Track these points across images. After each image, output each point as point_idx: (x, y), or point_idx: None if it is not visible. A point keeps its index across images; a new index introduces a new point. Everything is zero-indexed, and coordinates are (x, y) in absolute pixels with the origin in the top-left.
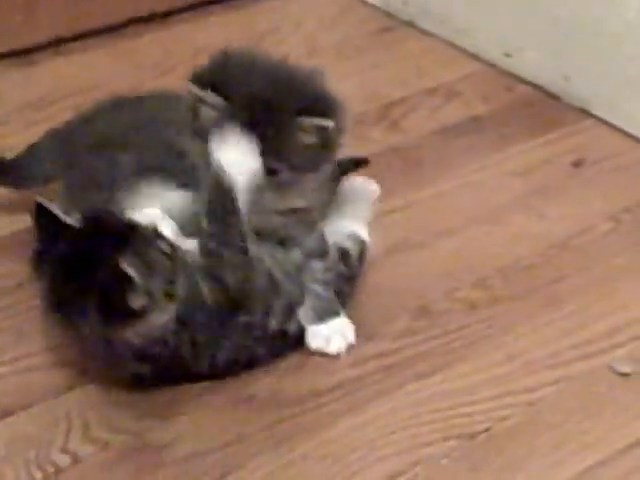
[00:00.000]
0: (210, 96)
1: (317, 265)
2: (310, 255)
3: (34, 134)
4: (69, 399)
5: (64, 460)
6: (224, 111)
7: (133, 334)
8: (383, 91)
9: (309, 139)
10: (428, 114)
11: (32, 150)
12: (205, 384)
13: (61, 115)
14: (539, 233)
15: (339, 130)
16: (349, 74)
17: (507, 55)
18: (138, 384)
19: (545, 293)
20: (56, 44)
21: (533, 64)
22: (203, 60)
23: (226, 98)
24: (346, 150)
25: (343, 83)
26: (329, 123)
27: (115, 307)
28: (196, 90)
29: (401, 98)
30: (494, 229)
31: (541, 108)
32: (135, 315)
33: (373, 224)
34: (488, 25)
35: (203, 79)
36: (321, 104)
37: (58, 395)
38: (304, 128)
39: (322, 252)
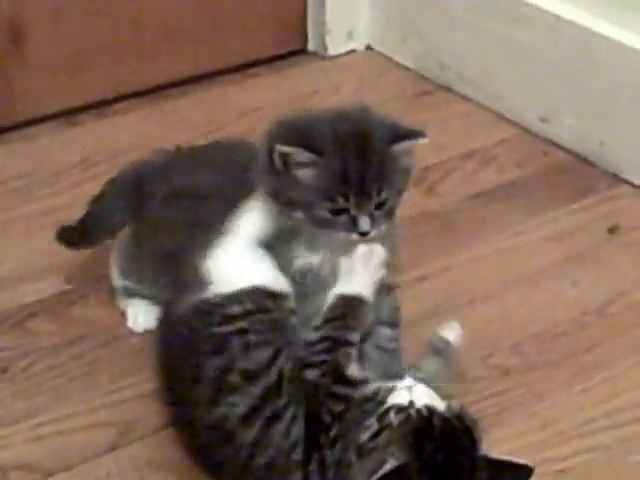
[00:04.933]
0: (302, 154)
1: (386, 332)
2: (382, 322)
3: (79, 195)
4: (110, 460)
5: None
6: (319, 165)
7: None
8: (419, 155)
9: (403, 161)
10: (464, 178)
11: (97, 206)
12: None
13: (105, 176)
14: (573, 299)
15: None
16: None
17: (543, 120)
18: None
19: (579, 360)
20: (100, 105)
21: (568, 130)
22: (247, 121)
23: (317, 152)
24: None
25: None
26: (423, 141)
27: None
28: (286, 149)
29: (437, 162)
30: (529, 295)
31: (576, 174)
32: None
33: (408, 289)
34: (524, 90)
35: (291, 140)
36: (405, 128)
37: (99, 456)
38: (400, 152)
39: (394, 321)
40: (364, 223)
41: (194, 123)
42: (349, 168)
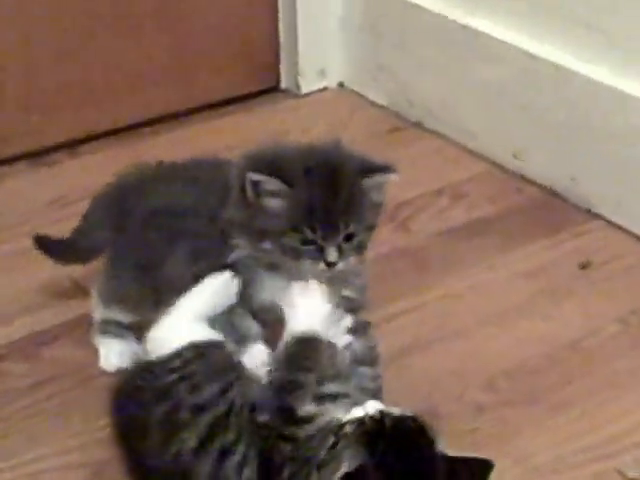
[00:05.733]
0: (273, 182)
1: (365, 371)
2: (359, 361)
3: (54, 234)
4: None
5: None
6: (288, 196)
7: None
8: (391, 192)
9: (374, 196)
10: (436, 215)
11: (82, 224)
12: None
13: (78, 215)
14: (546, 335)
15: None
16: None
17: (514, 156)
18: None
19: (552, 396)
20: (72, 145)
21: (540, 165)
22: None
23: (289, 183)
24: None
25: None
26: (393, 177)
27: None
28: (259, 177)
29: (409, 199)
30: (502, 331)
31: (548, 209)
32: None
33: (381, 326)
34: (495, 126)
35: (261, 169)
36: (376, 163)
37: None
38: (370, 187)
39: (371, 359)
40: (331, 254)
41: None
42: (317, 199)
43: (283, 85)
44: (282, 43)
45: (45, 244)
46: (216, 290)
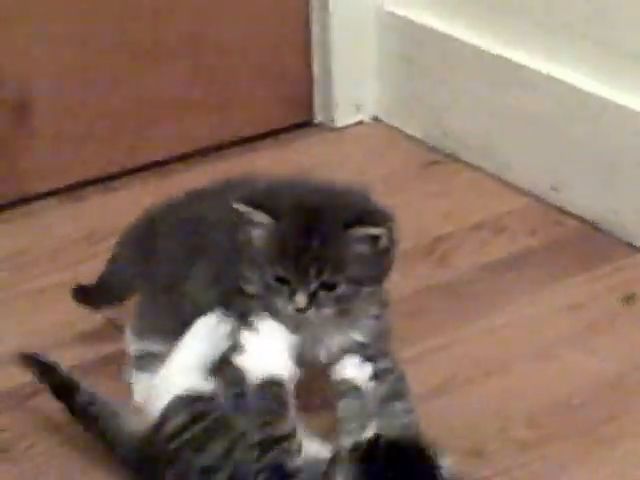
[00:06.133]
0: (257, 215)
1: (397, 407)
2: (385, 399)
3: (84, 271)
4: None
5: None
6: (272, 229)
7: None
8: (430, 225)
9: (362, 249)
10: (475, 249)
11: (112, 263)
12: None
13: (109, 252)
14: (590, 370)
15: (392, 241)
16: (396, 208)
17: (553, 189)
18: None
19: (597, 432)
20: (105, 179)
21: (580, 198)
22: None
23: (274, 216)
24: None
25: None
26: (380, 231)
27: None
28: (244, 209)
29: (448, 233)
30: (544, 365)
31: (589, 242)
32: None
33: (422, 361)
34: (532, 159)
35: (251, 200)
36: (370, 215)
37: None
38: (356, 238)
39: (400, 393)
40: (299, 299)
41: None
42: (291, 239)
43: (317, 119)
44: (316, 77)
45: (80, 295)
46: (205, 337)
